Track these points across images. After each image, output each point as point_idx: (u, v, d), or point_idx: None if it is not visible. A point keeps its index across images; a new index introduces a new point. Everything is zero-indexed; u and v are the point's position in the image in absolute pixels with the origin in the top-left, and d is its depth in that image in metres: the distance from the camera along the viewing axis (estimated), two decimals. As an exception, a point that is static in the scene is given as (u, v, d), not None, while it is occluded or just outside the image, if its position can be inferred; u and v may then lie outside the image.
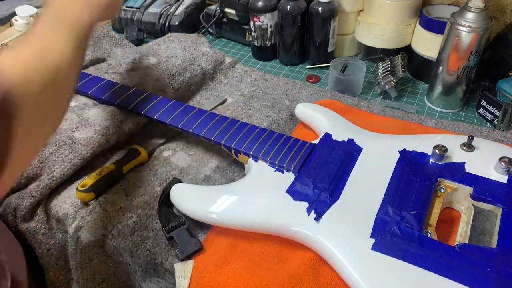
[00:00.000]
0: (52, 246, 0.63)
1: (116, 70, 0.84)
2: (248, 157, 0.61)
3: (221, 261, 0.53)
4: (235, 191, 0.57)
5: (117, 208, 0.59)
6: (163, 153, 0.69)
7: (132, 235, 0.57)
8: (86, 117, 0.70)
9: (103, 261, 0.61)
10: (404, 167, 0.57)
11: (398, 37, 0.88)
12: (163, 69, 0.81)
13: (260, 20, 0.91)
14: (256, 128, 0.64)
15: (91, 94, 0.74)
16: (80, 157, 0.65)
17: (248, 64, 0.96)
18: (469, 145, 0.58)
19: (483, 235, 0.50)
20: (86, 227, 0.58)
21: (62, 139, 0.66)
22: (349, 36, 0.95)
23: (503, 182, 0.54)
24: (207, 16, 1.07)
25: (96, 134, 0.67)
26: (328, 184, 0.55)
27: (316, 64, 0.95)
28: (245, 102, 0.79)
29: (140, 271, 0.58)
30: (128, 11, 1.08)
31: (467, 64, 0.73)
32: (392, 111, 0.76)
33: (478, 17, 0.69)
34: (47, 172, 0.62)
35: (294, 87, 0.84)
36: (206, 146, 0.70)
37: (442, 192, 0.55)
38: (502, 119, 0.73)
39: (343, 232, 0.50)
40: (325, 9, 0.87)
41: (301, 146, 0.61)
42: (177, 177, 0.64)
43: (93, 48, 0.93)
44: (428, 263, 0.45)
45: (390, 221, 0.50)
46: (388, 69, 0.82)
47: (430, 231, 0.50)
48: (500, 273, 0.44)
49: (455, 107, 0.80)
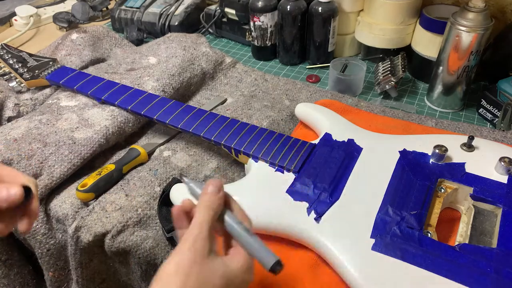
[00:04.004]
0: (52, 246, 0.63)
1: (116, 70, 0.84)
2: (248, 157, 0.61)
3: (221, 261, 0.53)
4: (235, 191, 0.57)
5: (117, 208, 0.59)
6: (163, 153, 0.69)
7: (132, 235, 0.57)
8: (86, 117, 0.70)
9: (103, 261, 0.61)
10: (404, 167, 0.57)
11: (398, 37, 0.88)
12: (163, 69, 0.81)
13: (260, 20, 0.91)
14: (256, 128, 0.64)
15: (91, 94, 0.74)
16: (80, 157, 0.65)
17: (248, 64, 0.96)
18: (469, 145, 0.58)
19: (483, 235, 0.50)
20: (86, 227, 0.58)
21: (62, 139, 0.66)
22: (349, 36, 0.95)
23: (503, 182, 0.54)
24: (207, 16, 1.07)
25: (96, 134, 0.67)
26: (328, 184, 0.55)
27: (316, 64, 0.95)
28: (245, 102, 0.79)
29: (140, 271, 0.58)
30: (128, 11, 1.08)
31: (467, 64, 0.73)
32: (392, 111, 0.76)
33: (478, 17, 0.69)
34: (47, 172, 0.62)
35: (294, 87, 0.84)
36: (206, 146, 0.70)
37: (442, 192, 0.55)
38: (502, 119, 0.72)
39: (343, 232, 0.50)
40: (325, 9, 0.86)
41: (301, 146, 0.61)
42: (177, 177, 0.64)
43: (93, 48, 0.93)
44: (428, 263, 0.45)
45: (390, 221, 0.50)
46: (388, 69, 0.82)
47: (430, 231, 0.50)
48: (500, 273, 0.44)
49: (455, 107, 0.80)
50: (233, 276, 0.37)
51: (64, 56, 0.90)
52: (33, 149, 0.64)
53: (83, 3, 1.11)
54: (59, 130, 0.68)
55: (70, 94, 0.77)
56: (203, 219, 0.38)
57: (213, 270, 0.37)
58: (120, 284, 0.64)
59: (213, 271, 0.36)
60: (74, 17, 1.11)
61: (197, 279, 0.35)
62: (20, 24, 1.11)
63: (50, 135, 0.67)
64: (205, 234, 0.38)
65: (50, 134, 0.67)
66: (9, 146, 0.65)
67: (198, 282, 0.35)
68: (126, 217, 0.58)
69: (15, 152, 0.64)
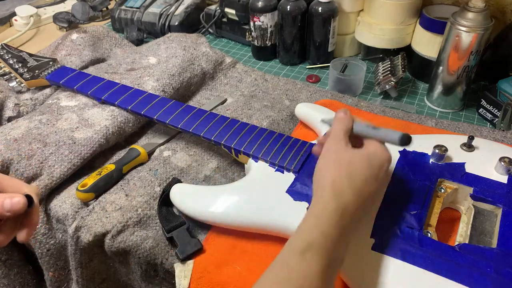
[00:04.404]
0: (52, 246, 0.63)
1: (116, 70, 0.84)
2: (248, 157, 0.61)
3: (221, 261, 0.53)
4: (235, 191, 0.57)
5: (117, 208, 0.59)
6: (163, 153, 0.69)
7: (132, 235, 0.57)
8: (86, 117, 0.70)
9: (103, 261, 0.61)
10: (404, 167, 0.57)
11: (398, 37, 0.88)
12: (163, 69, 0.81)
13: (260, 20, 0.91)
14: (256, 128, 0.64)
15: (91, 94, 0.74)
16: (80, 157, 0.65)
17: (248, 64, 0.96)
18: (469, 145, 0.58)
19: (483, 235, 0.50)
20: (86, 227, 0.58)
21: (62, 139, 0.66)
22: (349, 36, 0.95)
23: (503, 182, 0.54)
24: (207, 16, 1.07)
25: (96, 134, 0.67)
26: (328, 184, 0.55)
27: (316, 64, 0.95)
28: (245, 102, 0.79)
29: (140, 271, 0.58)
30: (128, 11, 1.08)
31: (467, 64, 0.73)
32: (392, 111, 0.76)
33: (478, 17, 0.69)
34: (47, 172, 0.62)
35: (294, 87, 0.84)
36: (206, 146, 0.70)
37: (442, 192, 0.55)
38: (502, 119, 0.72)
39: None
40: (325, 9, 0.87)
41: (301, 146, 0.61)
42: (177, 177, 0.64)
43: (93, 48, 0.93)
44: (428, 263, 0.45)
45: (390, 221, 0.50)
46: (388, 69, 0.82)
47: (430, 231, 0.50)
48: (500, 273, 0.44)
49: (455, 107, 0.80)
50: (373, 155, 0.47)
51: (64, 56, 0.90)
52: (33, 149, 0.64)
53: (83, 3, 1.11)
54: (59, 130, 0.68)
55: (70, 94, 0.77)
56: (338, 128, 0.49)
57: (355, 154, 0.47)
58: (120, 284, 0.64)
59: (355, 155, 0.46)
60: (74, 17, 1.11)
61: (346, 160, 0.46)
62: (20, 24, 1.11)
63: (50, 135, 0.67)
64: (342, 135, 0.48)
65: (50, 134, 0.67)
66: (9, 146, 0.65)
67: (347, 161, 0.46)
68: (126, 217, 0.58)
69: (15, 152, 0.64)
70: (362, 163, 0.46)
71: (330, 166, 0.46)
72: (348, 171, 0.45)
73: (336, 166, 0.46)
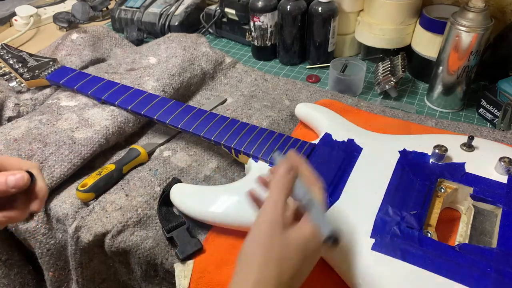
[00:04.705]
0: (52, 246, 0.63)
1: (116, 70, 0.84)
2: (248, 157, 0.61)
3: (221, 261, 0.53)
4: (235, 191, 0.57)
5: (117, 208, 0.59)
6: (163, 153, 0.69)
7: (132, 235, 0.57)
8: (86, 117, 0.71)
9: (103, 261, 0.61)
10: (404, 167, 0.57)
11: (398, 37, 0.88)
12: (163, 69, 0.81)
13: (260, 20, 0.91)
14: (256, 128, 0.64)
15: (91, 94, 0.74)
16: (80, 157, 0.65)
17: (248, 64, 0.96)
18: (469, 145, 0.58)
19: (483, 235, 0.50)
20: (86, 227, 0.58)
21: (62, 139, 0.66)
22: (349, 36, 0.95)
23: (503, 182, 0.54)
24: (207, 16, 1.07)
25: (96, 134, 0.67)
26: (328, 184, 0.55)
27: (316, 64, 0.95)
28: (245, 102, 0.79)
29: (140, 271, 0.58)
30: (128, 11, 1.08)
31: (467, 64, 0.73)
32: (392, 111, 0.76)
33: (478, 17, 0.69)
34: (47, 172, 0.62)
35: (294, 87, 0.84)
36: (206, 146, 0.70)
37: (442, 192, 0.55)
38: (502, 119, 0.72)
39: (343, 232, 0.50)
40: (325, 9, 0.87)
41: (301, 146, 0.61)
42: (177, 177, 0.64)
43: (93, 48, 0.93)
44: (428, 263, 0.45)
45: (390, 221, 0.50)
46: (388, 69, 0.82)
47: (430, 231, 0.50)
48: (500, 273, 0.44)
49: (455, 107, 0.80)
50: (310, 241, 0.41)
51: (64, 56, 0.90)
52: (33, 149, 0.64)
53: (83, 3, 1.11)
54: (59, 130, 0.68)
55: (70, 94, 0.77)
56: (277, 198, 0.42)
57: (291, 240, 0.40)
58: (120, 284, 0.64)
59: (290, 241, 0.40)
60: (74, 17, 1.11)
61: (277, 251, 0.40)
62: (20, 24, 1.11)
63: (50, 135, 0.67)
64: (279, 212, 0.41)
65: (50, 134, 0.67)
66: (9, 146, 0.65)
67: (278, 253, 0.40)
68: (126, 217, 0.58)
69: (15, 152, 0.64)
70: (297, 253, 0.40)
71: (258, 256, 0.40)
72: (278, 263, 0.39)
73: (265, 258, 0.39)
